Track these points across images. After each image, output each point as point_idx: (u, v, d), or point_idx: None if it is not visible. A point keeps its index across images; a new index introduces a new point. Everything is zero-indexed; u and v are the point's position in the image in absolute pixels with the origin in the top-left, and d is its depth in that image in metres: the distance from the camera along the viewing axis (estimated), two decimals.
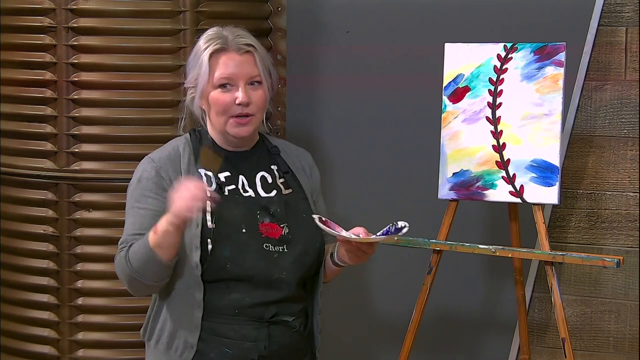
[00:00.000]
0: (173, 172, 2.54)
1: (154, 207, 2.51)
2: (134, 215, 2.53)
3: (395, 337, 3.58)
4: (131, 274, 2.46)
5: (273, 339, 2.53)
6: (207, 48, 2.54)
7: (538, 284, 3.67)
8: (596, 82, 3.56)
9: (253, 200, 2.56)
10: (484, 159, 3.20)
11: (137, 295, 2.56)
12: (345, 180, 3.88)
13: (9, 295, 3.45)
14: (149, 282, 2.47)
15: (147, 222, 2.49)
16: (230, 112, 2.54)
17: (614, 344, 3.61)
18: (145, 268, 2.44)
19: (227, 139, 2.60)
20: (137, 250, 2.45)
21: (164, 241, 2.41)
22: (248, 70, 2.55)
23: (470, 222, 3.67)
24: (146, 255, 2.43)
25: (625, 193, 3.55)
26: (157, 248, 2.41)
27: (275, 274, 2.54)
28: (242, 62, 2.54)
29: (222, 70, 2.53)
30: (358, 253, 2.52)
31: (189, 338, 2.52)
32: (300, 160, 2.71)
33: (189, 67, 2.59)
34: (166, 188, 2.51)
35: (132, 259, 2.45)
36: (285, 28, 3.45)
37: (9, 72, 3.36)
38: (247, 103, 2.53)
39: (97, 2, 3.24)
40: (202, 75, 2.54)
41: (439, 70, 3.26)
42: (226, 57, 2.54)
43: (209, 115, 2.58)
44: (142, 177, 2.55)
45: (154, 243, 2.41)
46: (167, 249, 2.42)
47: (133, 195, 2.55)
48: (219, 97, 2.54)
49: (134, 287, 2.51)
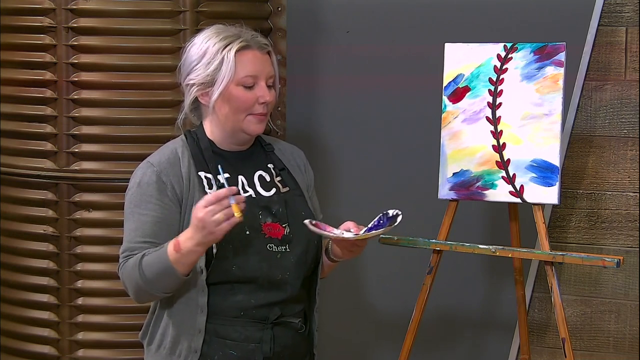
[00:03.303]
0: (174, 177, 2.52)
1: (156, 212, 2.48)
2: (135, 220, 2.50)
3: (395, 337, 3.58)
4: (141, 285, 2.43)
5: (277, 340, 2.53)
6: (228, 45, 2.50)
7: (538, 284, 3.68)
8: (596, 82, 3.56)
9: (254, 200, 2.55)
10: (484, 159, 3.20)
11: (139, 302, 2.54)
12: (345, 180, 3.88)
13: (9, 295, 3.45)
14: (159, 293, 2.45)
15: (149, 229, 2.47)
16: (252, 110, 2.52)
17: (614, 344, 3.61)
18: (159, 280, 2.42)
19: (234, 138, 2.58)
20: (153, 262, 2.41)
21: (188, 259, 2.39)
22: (269, 70, 2.54)
23: (470, 222, 3.67)
24: (164, 270, 2.40)
25: (625, 193, 3.55)
26: (178, 264, 2.39)
27: (278, 275, 2.53)
28: (264, 60, 2.54)
29: (250, 67, 2.51)
30: (352, 248, 2.54)
31: (193, 343, 2.51)
32: (295, 158, 2.71)
33: (198, 65, 2.52)
34: (168, 194, 2.49)
35: (147, 271, 2.42)
36: (285, 28, 3.45)
37: (9, 72, 3.36)
38: (270, 102, 2.53)
39: (97, 2, 3.23)
40: (226, 72, 2.49)
41: (439, 70, 3.26)
42: (251, 55, 2.51)
43: (220, 112, 2.54)
44: (143, 181, 2.51)
45: (175, 260, 2.39)
46: (190, 265, 2.41)
47: (133, 199, 2.51)
48: (242, 94, 2.51)
49: (140, 295, 2.48)
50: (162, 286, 2.43)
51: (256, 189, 2.59)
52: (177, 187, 2.50)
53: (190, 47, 2.56)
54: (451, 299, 3.80)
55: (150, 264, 2.42)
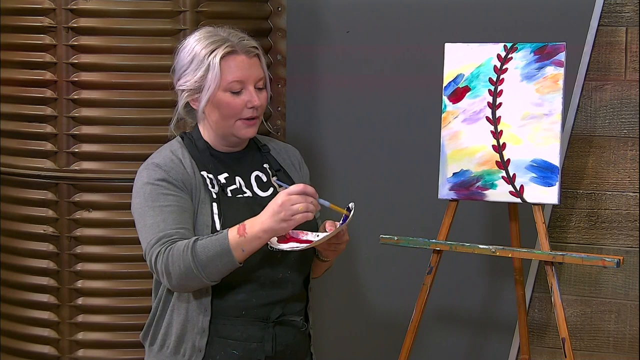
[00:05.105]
0: (181, 175, 2.52)
1: (178, 203, 2.48)
2: (158, 213, 2.47)
3: (395, 337, 3.58)
4: (192, 268, 2.40)
5: (279, 339, 2.54)
6: (214, 51, 2.50)
7: (538, 284, 3.67)
8: (596, 82, 3.56)
9: (252, 200, 2.56)
10: (484, 159, 3.20)
11: (181, 290, 2.49)
12: (345, 180, 3.88)
13: (9, 295, 3.45)
14: (206, 280, 2.42)
15: (178, 217, 2.46)
16: (241, 114, 2.53)
17: (614, 344, 3.61)
18: (213, 265, 2.40)
19: (227, 141, 2.59)
20: (209, 246, 2.39)
21: (249, 246, 2.39)
22: (257, 73, 2.54)
23: (470, 222, 3.67)
24: (221, 253, 2.38)
25: (625, 193, 3.55)
26: (238, 250, 2.39)
27: (280, 273, 2.54)
28: (252, 65, 2.53)
29: (236, 73, 2.51)
30: (330, 247, 2.53)
31: (197, 342, 2.51)
32: (290, 157, 2.72)
33: (187, 70, 2.54)
34: (180, 188, 2.49)
35: (201, 254, 2.39)
36: (285, 28, 3.45)
37: (9, 72, 3.36)
38: (259, 106, 2.53)
39: (97, 2, 3.24)
40: (212, 79, 2.50)
41: (439, 70, 3.26)
42: (237, 60, 2.52)
43: (210, 117, 2.56)
44: (152, 178, 2.50)
45: (235, 244, 2.38)
46: (248, 252, 2.40)
47: (147, 197, 2.49)
48: (230, 100, 2.52)
49: (187, 280, 2.43)
50: (215, 271, 2.41)
51: (253, 190, 2.60)
52: (187, 184, 2.51)
53: (181, 49, 2.57)
54: (451, 299, 3.80)
55: (206, 247, 2.40)
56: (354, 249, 3.83)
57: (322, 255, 2.61)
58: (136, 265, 3.25)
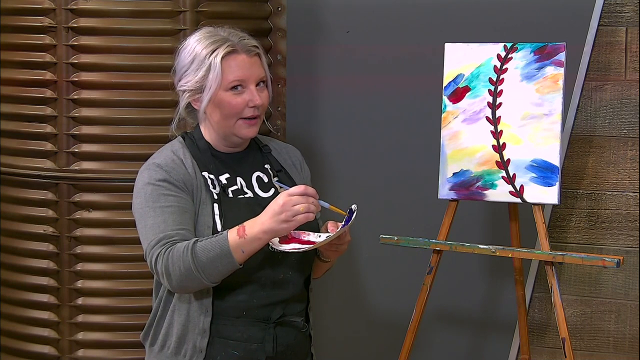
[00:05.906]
0: (182, 175, 2.52)
1: (179, 203, 2.48)
2: (159, 213, 2.47)
3: (395, 337, 3.58)
4: (192, 269, 2.40)
5: (279, 340, 2.54)
6: (215, 51, 2.50)
7: (538, 284, 3.67)
8: (596, 82, 3.56)
9: (253, 201, 2.56)
10: (484, 159, 3.20)
11: (181, 290, 2.49)
12: (345, 180, 3.88)
13: (9, 295, 3.45)
14: (206, 281, 2.42)
15: (179, 218, 2.46)
16: (242, 114, 2.53)
17: (614, 344, 3.61)
18: (213, 266, 2.40)
19: (228, 141, 2.59)
20: (209, 247, 2.40)
21: (249, 247, 2.39)
22: (258, 72, 2.54)
23: (470, 222, 3.67)
24: (221, 254, 2.39)
25: (625, 193, 3.55)
26: (237, 251, 2.39)
27: (281, 274, 2.54)
28: (253, 64, 2.54)
29: (237, 73, 2.51)
30: (332, 248, 2.53)
31: (198, 342, 2.51)
32: (291, 157, 2.72)
33: (188, 71, 2.54)
34: (181, 189, 2.50)
35: (201, 255, 2.39)
36: (285, 28, 3.45)
37: (9, 72, 3.36)
38: (260, 105, 2.53)
39: (97, 2, 3.24)
40: (214, 79, 2.50)
41: (439, 70, 3.26)
42: (238, 59, 2.52)
43: (211, 117, 2.56)
44: (153, 179, 2.50)
45: (235, 246, 2.38)
46: (248, 254, 2.40)
47: (148, 197, 2.49)
48: (230, 99, 2.52)
49: (187, 281, 2.43)
50: (215, 272, 2.41)
51: (254, 190, 2.60)
52: (188, 185, 2.51)
53: (182, 50, 2.58)
54: (451, 299, 3.80)
55: (205, 249, 2.40)
56: (354, 249, 3.84)
57: (323, 256, 2.61)
58: (136, 265, 3.25)
